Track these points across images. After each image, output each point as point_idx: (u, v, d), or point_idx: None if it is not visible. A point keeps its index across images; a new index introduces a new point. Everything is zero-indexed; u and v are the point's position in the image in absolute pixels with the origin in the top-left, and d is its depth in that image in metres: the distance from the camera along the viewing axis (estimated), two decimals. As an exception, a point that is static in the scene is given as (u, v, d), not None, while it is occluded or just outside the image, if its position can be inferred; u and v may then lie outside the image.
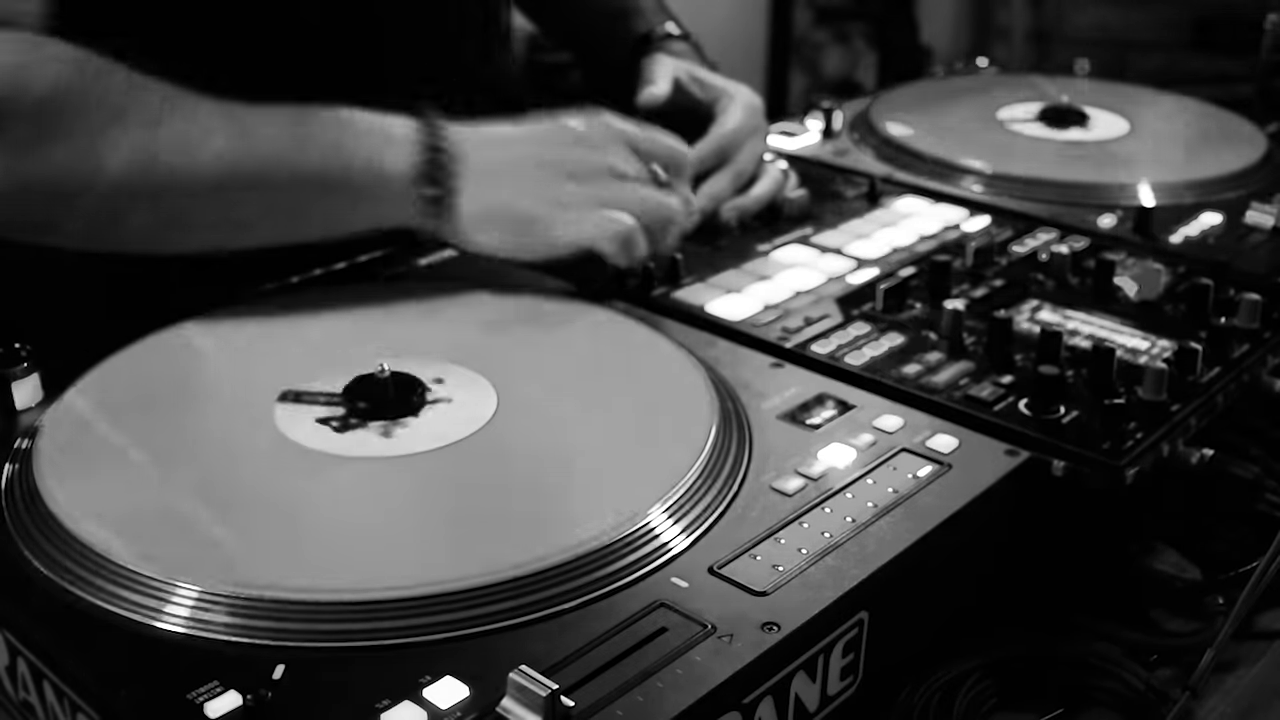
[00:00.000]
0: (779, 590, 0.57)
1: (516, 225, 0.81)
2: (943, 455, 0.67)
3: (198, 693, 0.49)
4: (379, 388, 0.69)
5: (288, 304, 0.82)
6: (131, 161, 0.74)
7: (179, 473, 0.64)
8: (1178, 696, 0.62)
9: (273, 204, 0.78)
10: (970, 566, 0.67)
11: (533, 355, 0.76)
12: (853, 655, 0.59)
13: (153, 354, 0.75)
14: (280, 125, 0.78)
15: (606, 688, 0.51)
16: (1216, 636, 0.64)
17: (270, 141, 0.77)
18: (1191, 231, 0.99)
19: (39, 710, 0.55)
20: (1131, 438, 0.70)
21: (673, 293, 0.86)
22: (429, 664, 0.52)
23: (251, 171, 0.77)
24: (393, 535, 0.60)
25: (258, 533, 0.60)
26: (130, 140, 0.74)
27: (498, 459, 0.66)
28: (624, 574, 0.57)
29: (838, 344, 0.80)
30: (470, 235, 0.80)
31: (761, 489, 0.64)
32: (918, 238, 0.97)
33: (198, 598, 0.54)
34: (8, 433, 0.68)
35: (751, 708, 0.53)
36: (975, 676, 0.63)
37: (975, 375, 0.76)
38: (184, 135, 0.75)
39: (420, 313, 0.82)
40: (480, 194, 0.79)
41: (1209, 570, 0.73)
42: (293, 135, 0.78)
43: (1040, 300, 0.87)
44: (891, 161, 1.12)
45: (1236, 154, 1.13)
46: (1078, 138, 1.17)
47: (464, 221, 0.80)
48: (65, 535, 0.58)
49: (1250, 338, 0.82)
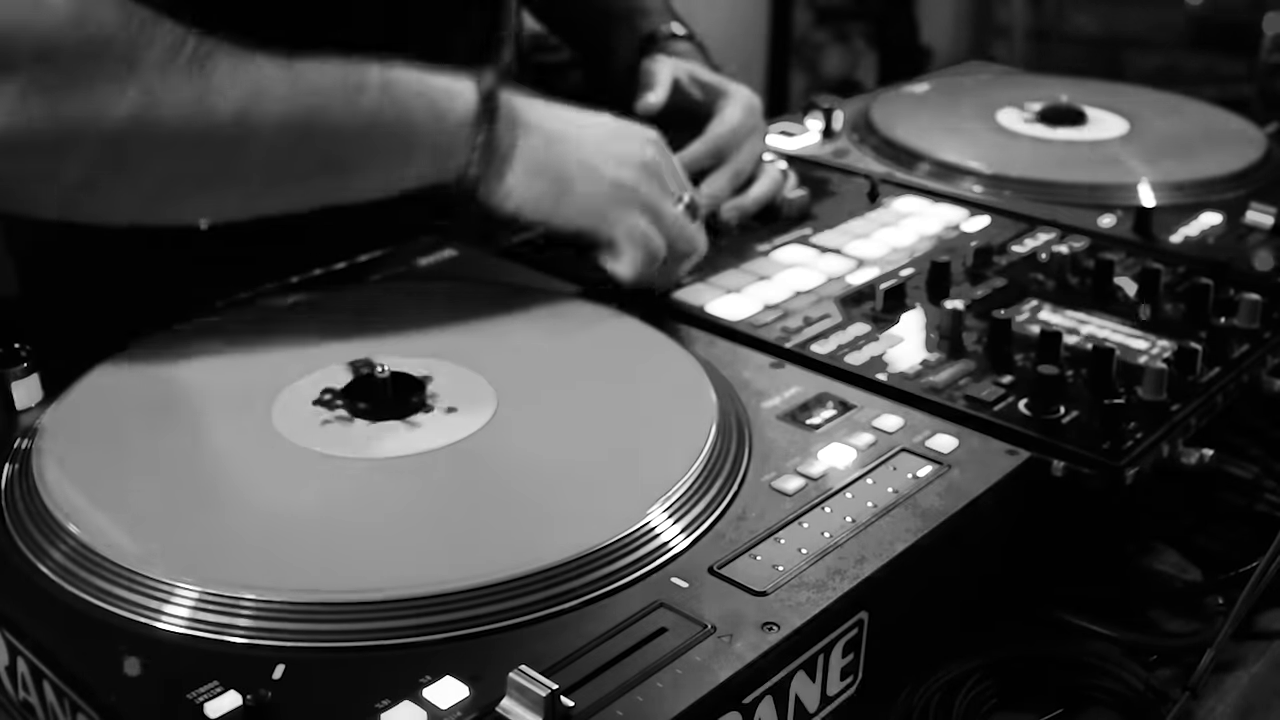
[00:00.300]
0: (779, 590, 0.57)
1: (560, 185, 0.80)
2: (943, 455, 0.67)
3: (198, 693, 0.49)
4: (379, 388, 0.69)
5: (288, 304, 0.82)
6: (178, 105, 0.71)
7: (178, 473, 0.64)
8: (1178, 696, 0.62)
9: (327, 155, 0.76)
10: (970, 566, 0.66)
11: (533, 355, 0.76)
12: (853, 655, 0.59)
13: (152, 354, 0.75)
14: (326, 68, 0.76)
15: (606, 688, 0.51)
16: (1216, 636, 0.64)
17: (319, 84, 0.75)
18: (1191, 231, 0.99)
19: (39, 710, 0.55)
20: (1131, 438, 0.70)
21: (673, 293, 0.87)
22: (429, 664, 0.52)
23: (304, 117, 0.74)
24: (392, 535, 0.60)
25: (257, 533, 0.60)
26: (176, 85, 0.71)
27: (497, 459, 0.66)
28: (624, 574, 0.57)
29: (838, 344, 0.80)
30: (513, 187, 0.79)
31: (761, 489, 0.64)
32: (918, 238, 0.97)
33: (198, 598, 0.54)
34: (8, 433, 0.68)
35: (751, 708, 0.53)
36: (975, 676, 0.63)
37: (975, 375, 0.76)
38: (232, 75, 0.72)
39: (421, 313, 0.82)
40: (539, 147, 0.79)
41: (1209, 570, 0.73)
42: (344, 81, 0.76)
43: (1040, 300, 0.87)
44: (891, 161, 1.12)
45: (1236, 154, 1.13)
46: (1077, 138, 1.17)
47: (513, 172, 0.78)
48: (65, 535, 0.58)
49: (1250, 338, 0.82)
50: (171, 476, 0.64)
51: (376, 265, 0.89)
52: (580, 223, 0.81)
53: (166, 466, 0.64)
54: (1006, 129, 1.19)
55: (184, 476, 0.64)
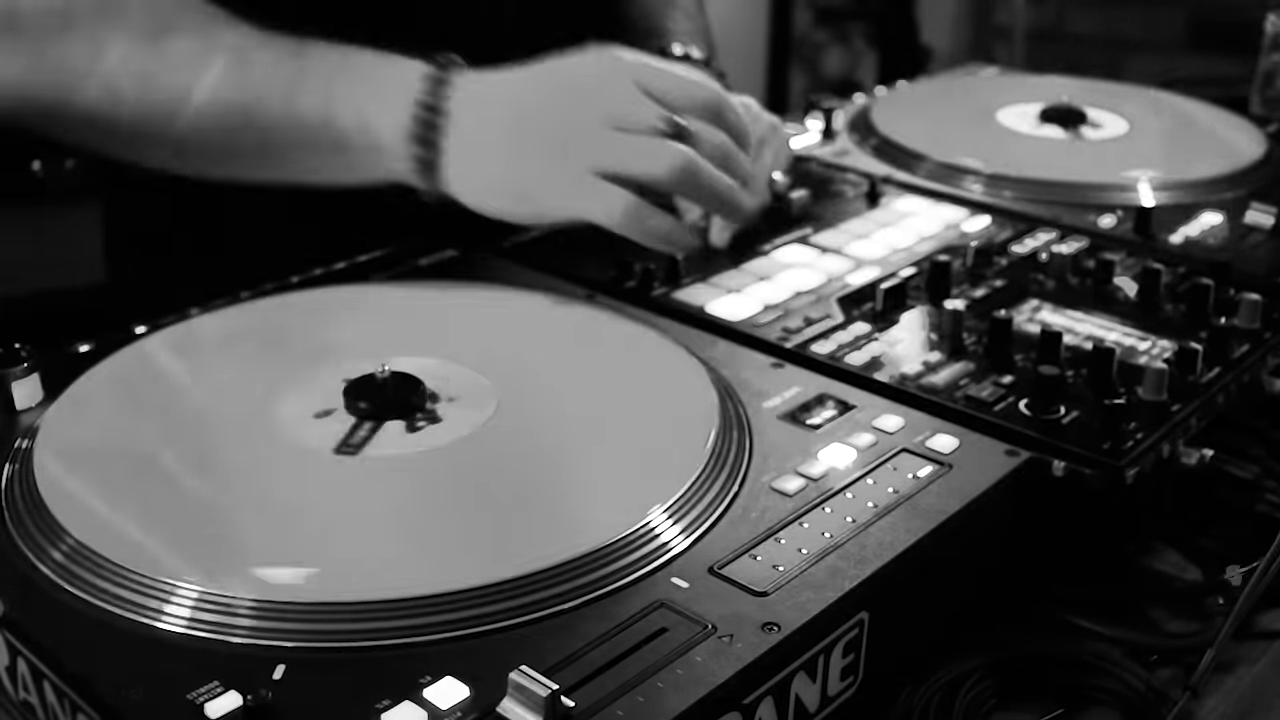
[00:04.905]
0: (779, 590, 0.57)
1: (508, 197, 0.75)
2: (943, 455, 0.67)
3: (198, 693, 0.49)
4: (379, 388, 0.69)
5: (287, 303, 0.82)
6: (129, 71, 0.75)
7: (179, 473, 0.64)
8: (1178, 696, 0.62)
9: (264, 142, 0.76)
10: (970, 567, 0.67)
11: (533, 355, 0.76)
12: (853, 655, 0.59)
13: (152, 353, 0.75)
14: (279, 57, 0.75)
15: (607, 688, 0.51)
16: (1216, 636, 0.64)
17: (265, 76, 0.75)
18: (1191, 231, 0.99)
19: (39, 710, 0.55)
20: (1131, 438, 0.70)
21: (673, 293, 0.86)
22: (429, 664, 0.52)
23: (243, 104, 0.75)
24: (392, 535, 0.60)
25: (258, 533, 0.60)
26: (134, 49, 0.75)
27: (497, 459, 0.66)
28: (624, 574, 0.57)
29: (838, 344, 0.80)
30: (465, 199, 0.76)
31: (761, 489, 0.64)
32: (918, 238, 0.97)
33: (198, 598, 0.54)
34: (8, 433, 0.68)
35: (752, 708, 0.53)
36: (975, 676, 0.63)
37: (975, 375, 0.76)
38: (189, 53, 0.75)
39: (420, 313, 0.82)
40: (470, 160, 0.75)
41: (1209, 570, 0.73)
42: (288, 71, 0.75)
43: (1040, 300, 0.87)
44: (891, 161, 1.12)
45: (1236, 154, 1.13)
46: (1077, 138, 1.17)
47: (454, 186, 0.76)
48: (65, 535, 0.58)
49: (1250, 338, 0.82)
50: (171, 476, 0.63)
51: (376, 265, 0.89)
52: (555, 216, 0.75)
53: (166, 466, 0.64)
54: (1006, 129, 1.19)
55: (184, 476, 0.64)
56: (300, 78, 0.76)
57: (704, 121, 0.75)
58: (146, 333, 0.77)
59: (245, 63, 0.75)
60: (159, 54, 0.75)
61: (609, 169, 0.72)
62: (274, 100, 0.75)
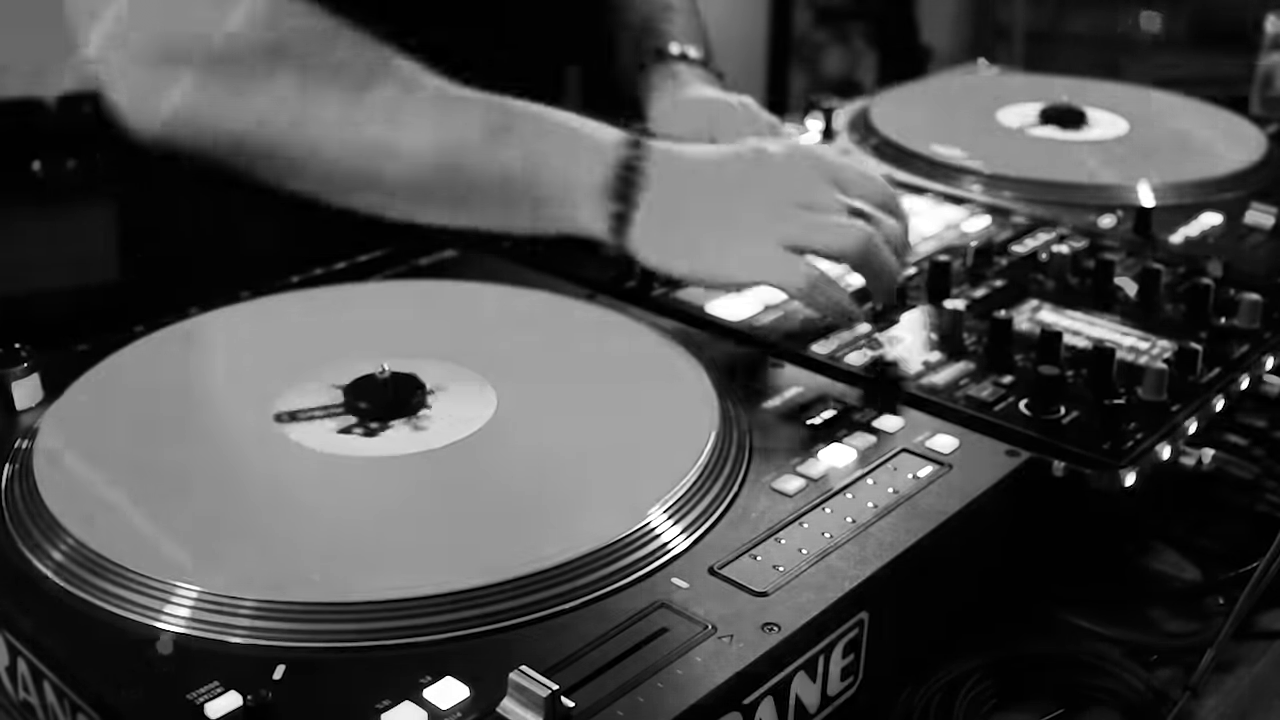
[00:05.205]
0: (779, 591, 0.57)
1: (695, 259, 0.78)
2: (943, 455, 0.67)
3: (198, 693, 0.49)
4: (379, 388, 0.69)
5: (288, 303, 0.82)
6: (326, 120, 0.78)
7: (178, 473, 0.64)
8: (1178, 696, 0.62)
9: (465, 193, 0.80)
10: (970, 567, 0.66)
11: (533, 355, 0.76)
12: (853, 656, 0.59)
13: (152, 353, 0.75)
14: (479, 114, 0.79)
15: (607, 688, 0.51)
16: (1216, 636, 0.64)
17: (466, 129, 0.78)
18: (1191, 231, 0.99)
19: (39, 710, 0.55)
20: (1131, 438, 0.70)
21: (673, 293, 0.86)
22: (429, 664, 0.52)
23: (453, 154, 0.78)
24: (392, 535, 0.60)
25: (257, 533, 0.60)
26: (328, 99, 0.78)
27: (497, 459, 0.66)
28: (624, 574, 0.57)
29: (838, 344, 0.80)
30: (648, 258, 0.79)
31: (761, 489, 0.64)
32: (917, 238, 0.97)
33: (198, 598, 0.54)
34: (8, 433, 0.68)
35: (752, 708, 0.53)
36: (975, 676, 0.63)
37: (975, 375, 0.76)
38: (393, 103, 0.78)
39: (420, 313, 0.82)
40: (663, 222, 0.78)
41: (1209, 570, 0.73)
42: (489, 125, 0.79)
43: (1040, 300, 0.87)
44: (892, 161, 1.12)
45: (1236, 154, 1.13)
46: (1077, 138, 1.17)
47: (640, 243, 0.78)
48: (65, 535, 0.58)
49: (1250, 338, 0.82)
50: (171, 476, 0.63)
51: (377, 265, 0.89)
52: (737, 280, 0.80)
53: (166, 466, 0.64)
54: (1006, 129, 1.19)
55: (184, 476, 0.64)
56: (502, 128, 0.79)
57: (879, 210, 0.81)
58: (146, 332, 0.77)
59: (449, 113, 0.79)
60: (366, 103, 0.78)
61: (797, 243, 0.77)
62: (474, 153, 0.79)
